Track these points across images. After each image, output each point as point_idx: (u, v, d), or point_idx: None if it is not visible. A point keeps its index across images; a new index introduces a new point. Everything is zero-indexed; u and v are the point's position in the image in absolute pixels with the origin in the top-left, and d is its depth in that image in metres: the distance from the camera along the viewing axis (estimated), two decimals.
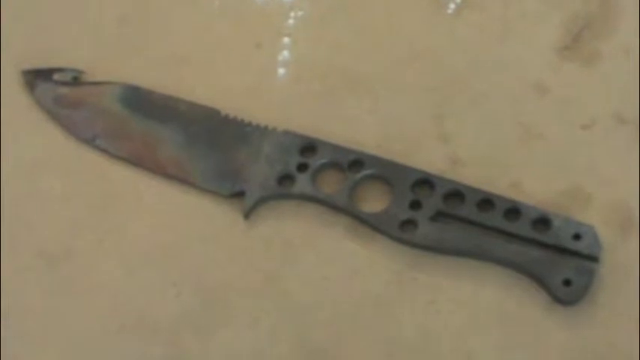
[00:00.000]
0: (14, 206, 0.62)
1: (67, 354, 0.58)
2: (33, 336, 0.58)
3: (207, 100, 0.64)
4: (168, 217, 0.61)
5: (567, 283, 0.56)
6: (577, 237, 0.56)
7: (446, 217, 0.58)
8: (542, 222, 0.57)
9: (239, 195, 0.61)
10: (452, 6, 0.68)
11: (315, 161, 0.61)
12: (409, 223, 0.58)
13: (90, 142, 0.64)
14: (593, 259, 0.56)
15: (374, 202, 0.60)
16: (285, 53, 0.67)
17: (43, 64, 0.67)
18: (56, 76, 0.66)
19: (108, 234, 0.61)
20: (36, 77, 0.66)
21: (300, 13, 0.68)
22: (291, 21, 0.68)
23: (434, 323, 0.57)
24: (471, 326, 0.57)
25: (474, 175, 0.60)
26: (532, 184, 0.60)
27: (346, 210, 0.59)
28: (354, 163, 0.60)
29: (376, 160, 0.60)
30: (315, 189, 0.60)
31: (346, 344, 0.57)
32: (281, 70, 0.66)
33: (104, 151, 0.63)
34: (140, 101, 0.65)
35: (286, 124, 0.63)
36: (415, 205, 0.59)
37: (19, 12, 0.70)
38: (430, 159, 0.61)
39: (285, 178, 0.61)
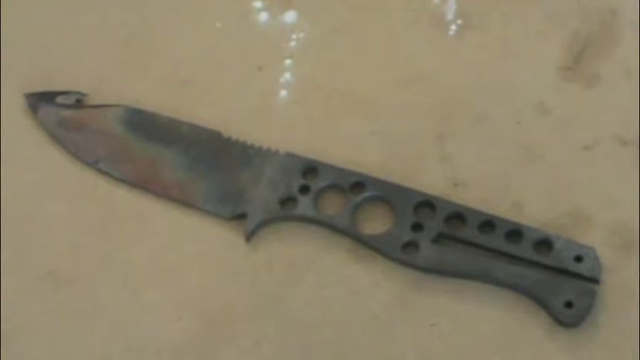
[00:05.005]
0: (17, 228, 0.63)
1: None
2: (36, 358, 0.58)
3: (210, 123, 0.65)
4: (171, 240, 0.61)
5: (569, 305, 0.56)
6: (578, 259, 0.57)
7: (447, 239, 0.59)
8: (544, 244, 0.57)
9: (241, 217, 0.61)
10: (453, 27, 0.68)
11: (316, 183, 0.61)
12: (411, 245, 0.58)
13: (93, 164, 0.64)
14: (595, 281, 0.56)
15: (375, 224, 0.60)
16: (287, 75, 0.67)
17: (46, 87, 0.67)
18: (59, 99, 0.66)
19: (110, 256, 0.61)
20: (39, 100, 0.66)
21: (301, 35, 0.69)
22: (292, 43, 0.68)
23: (436, 345, 0.57)
24: (473, 348, 0.57)
25: (475, 197, 0.60)
26: (533, 206, 0.60)
27: (348, 232, 0.60)
28: (356, 185, 0.61)
29: (377, 183, 0.60)
30: (317, 211, 0.60)
31: None
32: (283, 92, 0.67)
33: (107, 173, 0.64)
34: (143, 124, 0.65)
35: (288, 146, 0.63)
36: (417, 227, 0.59)
37: (22, 34, 0.70)
38: (431, 181, 0.62)
39: (287, 200, 0.61)
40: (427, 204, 0.59)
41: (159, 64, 0.68)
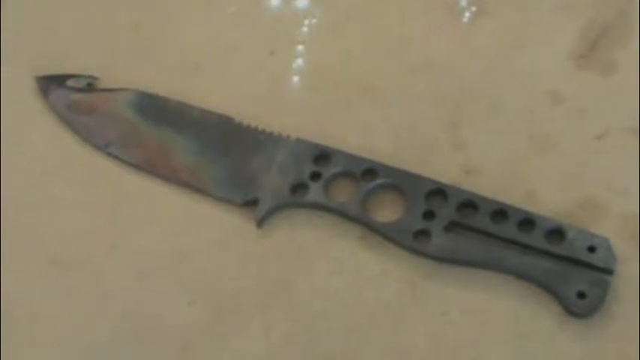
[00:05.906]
0: (27, 212, 0.62)
1: None
2: (44, 342, 0.58)
3: (221, 108, 0.64)
4: (181, 225, 0.61)
5: (581, 295, 0.55)
6: (591, 249, 0.56)
7: (459, 227, 0.58)
8: (557, 233, 0.57)
9: (252, 203, 0.60)
10: (467, 14, 0.67)
11: (328, 170, 0.60)
12: (422, 234, 0.58)
13: (103, 148, 0.64)
14: (608, 271, 0.56)
15: (387, 211, 0.59)
16: (299, 61, 0.67)
17: (58, 70, 0.67)
18: (70, 82, 0.66)
19: (120, 241, 0.61)
20: (50, 83, 0.66)
21: (314, 21, 0.68)
22: (305, 28, 0.68)
23: (447, 334, 0.57)
24: (484, 337, 0.56)
25: (488, 185, 0.60)
26: (546, 194, 0.60)
27: (359, 219, 0.59)
28: (367, 172, 0.60)
29: (389, 170, 0.60)
30: (328, 198, 0.60)
31: (358, 354, 0.56)
32: (295, 78, 0.66)
33: (117, 157, 0.63)
34: (153, 108, 0.65)
35: (300, 131, 0.62)
36: (429, 215, 0.58)
37: (34, 18, 0.70)
38: (444, 168, 0.61)
39: (299, 187, 0.60)
40: (439, 192, 0.59)
41: (171, 49, 0.68)
